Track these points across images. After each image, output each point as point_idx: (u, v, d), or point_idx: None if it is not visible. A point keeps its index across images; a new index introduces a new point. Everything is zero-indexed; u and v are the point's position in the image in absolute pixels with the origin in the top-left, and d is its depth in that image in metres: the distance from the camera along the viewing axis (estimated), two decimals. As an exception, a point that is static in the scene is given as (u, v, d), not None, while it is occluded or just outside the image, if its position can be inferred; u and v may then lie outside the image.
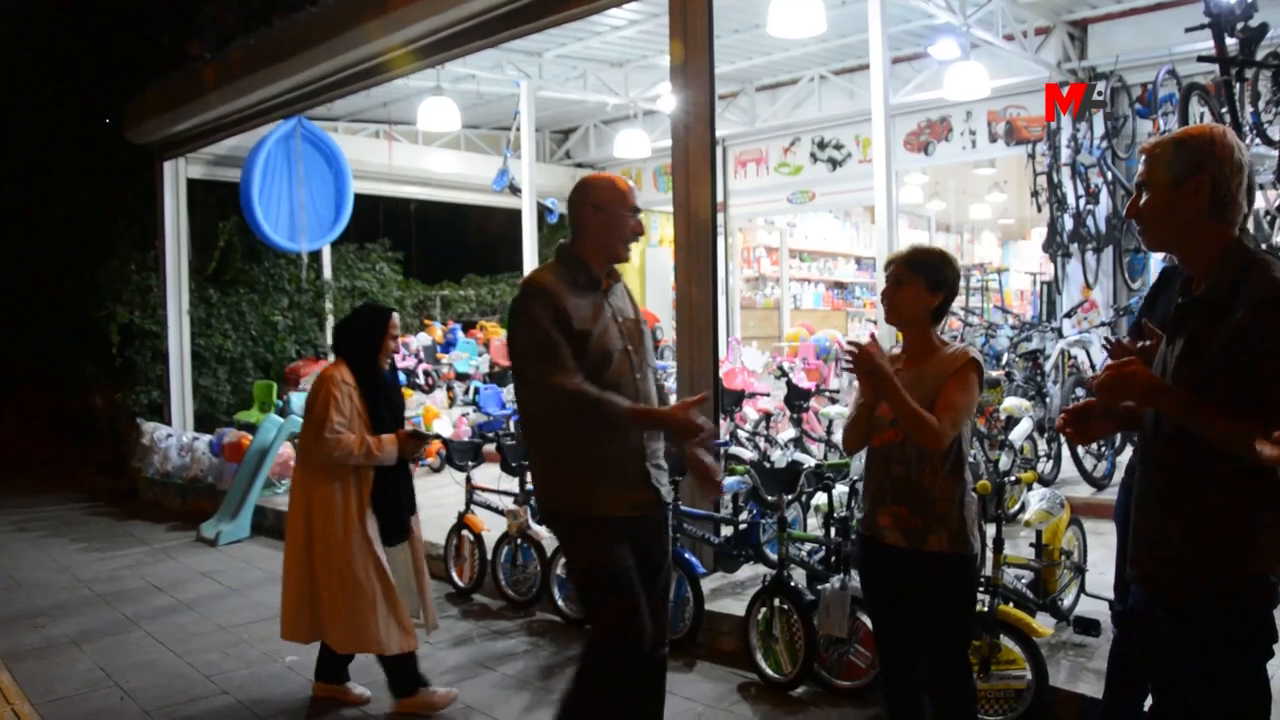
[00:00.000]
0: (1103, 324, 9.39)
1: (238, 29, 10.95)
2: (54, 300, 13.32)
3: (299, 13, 9.05)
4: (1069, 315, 9.78)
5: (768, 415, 8.26)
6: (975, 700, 3.40)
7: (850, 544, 4.69)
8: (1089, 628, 4.59)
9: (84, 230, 12.96)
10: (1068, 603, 4.90)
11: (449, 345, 13.17)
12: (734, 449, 6.70)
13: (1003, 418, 7.20)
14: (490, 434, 9.14)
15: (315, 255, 13.63)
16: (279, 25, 9.47)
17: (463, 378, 12.34)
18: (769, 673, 4.79)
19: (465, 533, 6.51)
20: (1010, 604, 4.35)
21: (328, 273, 13.90)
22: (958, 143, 12.12)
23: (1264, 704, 2.33)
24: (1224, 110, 6.51)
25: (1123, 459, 7.38)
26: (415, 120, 11.70)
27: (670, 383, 9.57)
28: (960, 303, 14.58)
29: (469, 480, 6.59)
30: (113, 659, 5.62)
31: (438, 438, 6.72)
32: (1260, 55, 6.17)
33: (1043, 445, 7.73)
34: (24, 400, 14.15)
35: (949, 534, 3.12)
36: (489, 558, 6.36)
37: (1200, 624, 2.36)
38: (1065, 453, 7.57)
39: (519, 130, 12.01)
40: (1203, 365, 2.29)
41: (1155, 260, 10.07)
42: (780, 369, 8.75)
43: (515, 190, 12.50)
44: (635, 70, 12.28)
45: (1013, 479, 5.33)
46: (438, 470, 10.07)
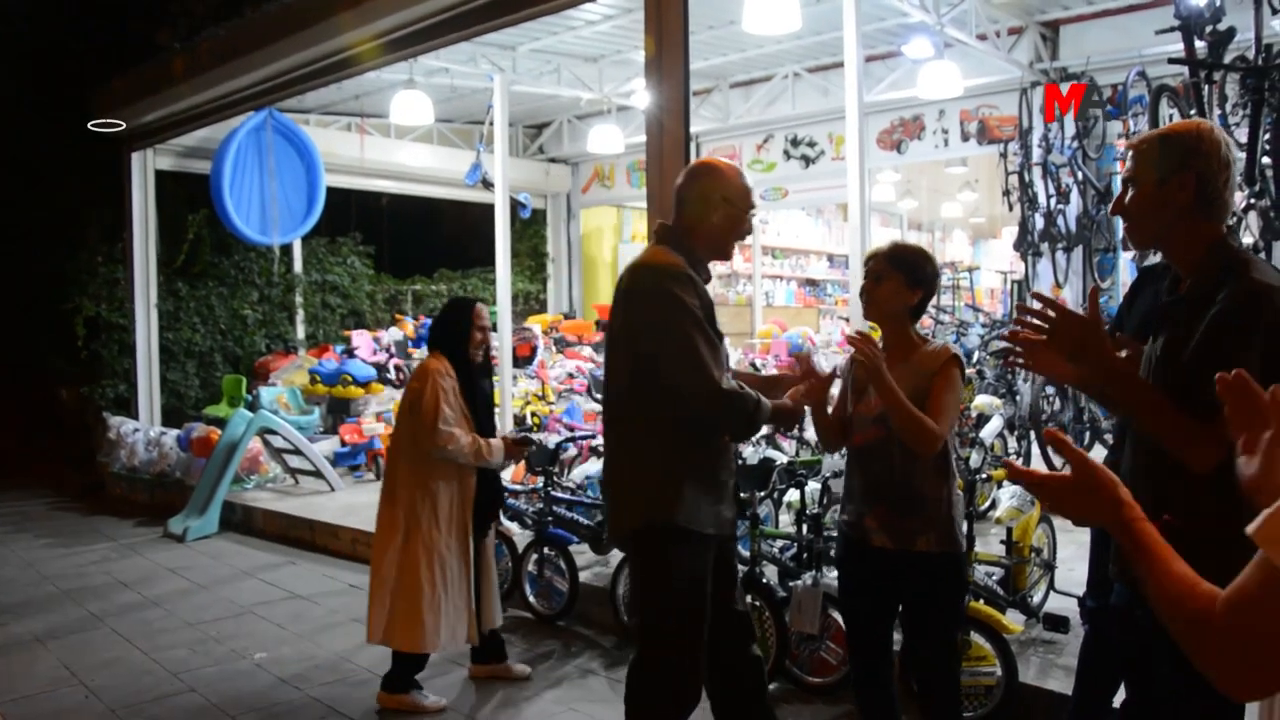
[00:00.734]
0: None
1: (208, 18, 10.84)
2: (19, 292, 13.14)
3: (270, 3, 8.97)
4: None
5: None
6: (960, 694, 3.42)
7: (823, 541, 4.69)
8: (1058, 624, 4.63)
9: (50, 222, 12.80)
10: (1037, 599, 4.93)
11: (421, 340, 13.08)
12: None
13: (974, 415, 7.24)
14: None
15: (286, 249, 13.53)
16: (250, 15, 9.38)
17: (436, 373, 12.26)
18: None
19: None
20: (981, 601, 4.37)
21: (299, 266, 13.79)
22: (930, 141, 12.17)
23: (1240, 704, 2.34)
24: (1193, 112, 6.55)
25: (1093, 456, 7.42)
26: (388, 113, 11.62)
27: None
28: (932, 301, 14.66)
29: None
30: (78, 656, 5.55)
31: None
32: (1228, 58, 6.22)
33: (1013, 443, 7.78)
34: (-13, 394, 13.97)
35: (938, 534, 3.13)
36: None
37: None
38: (1035, 450, 7.62)
39: (492, 124, 11.95)
40: (1179, 366, 2.29)
41: (1125, 260, 10.17)
42: (752, 365, 8.76)
43: (488, 185, 12.42)
44: (609, 65, 12.25)
45: (984, 476, 5.36)
46: (409, 466, 10.01)
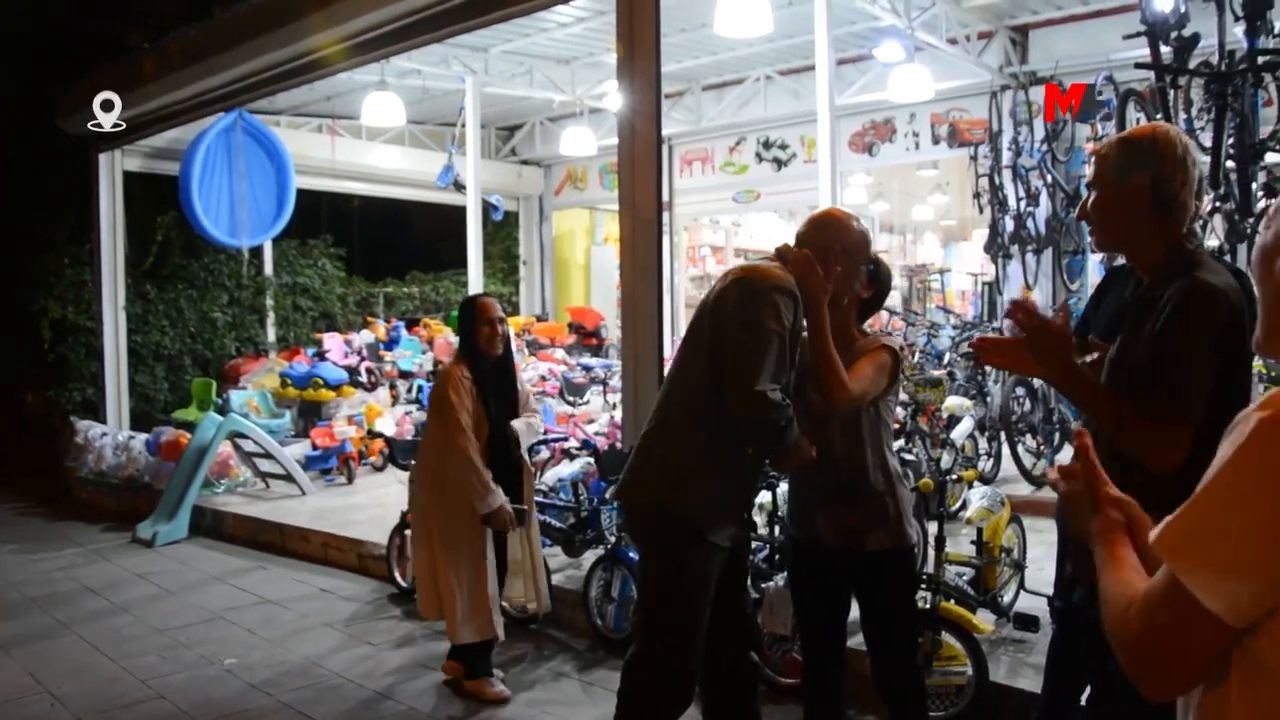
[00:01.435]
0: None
1: (178, 18, 10.74)
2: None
3: (240, 3, 8.90)
4: (1009, 315, 9.90)
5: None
6: (925, 691, 3.43)
7: (794, 542, 4.71)
8: (1028, 624, 4.66)
9: (15, 223, 12.63)
10: (1008, 599, 4.96)
11: (392, 343, 13.03)
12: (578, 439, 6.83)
13: (944, 417, 7.28)
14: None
15: (256, 251, 13.43)
16: (220, 16, 9.31)
17: (406, 376, 12.21)
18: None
19: (408, 532, 6.42)
20: (952, 601, 4.39)
21: (269, 269, 13.68)
22: (901, 144, 12.24)
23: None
24: (1159, 116, 6.63)
25: (1062, 457, 7.49)
26: (359, 115, 11.57)
27: (614, 381, 9.55)
28: (904, 303, 14.74)
29: (412, 479, 6.51)
30: (43, 665, 5.48)
31: (380, 435, 6.61)
32: (1192, 64, 6.30)
33: (984, 444, 7.83)
34: (-48, 398, 13.78)
35: (887, 531, 3.15)
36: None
37: None
38: (1005, 451, 7.67)
39: (464, 126, 11.92)
40: (1131, 366, 2.33)
41: (1093, 262, 10.26)
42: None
43: (460, 187, 12.41)
44: (582, 68, 12.24)
45: (954, 477, 5.39)
46: (380, 469, 9.98)
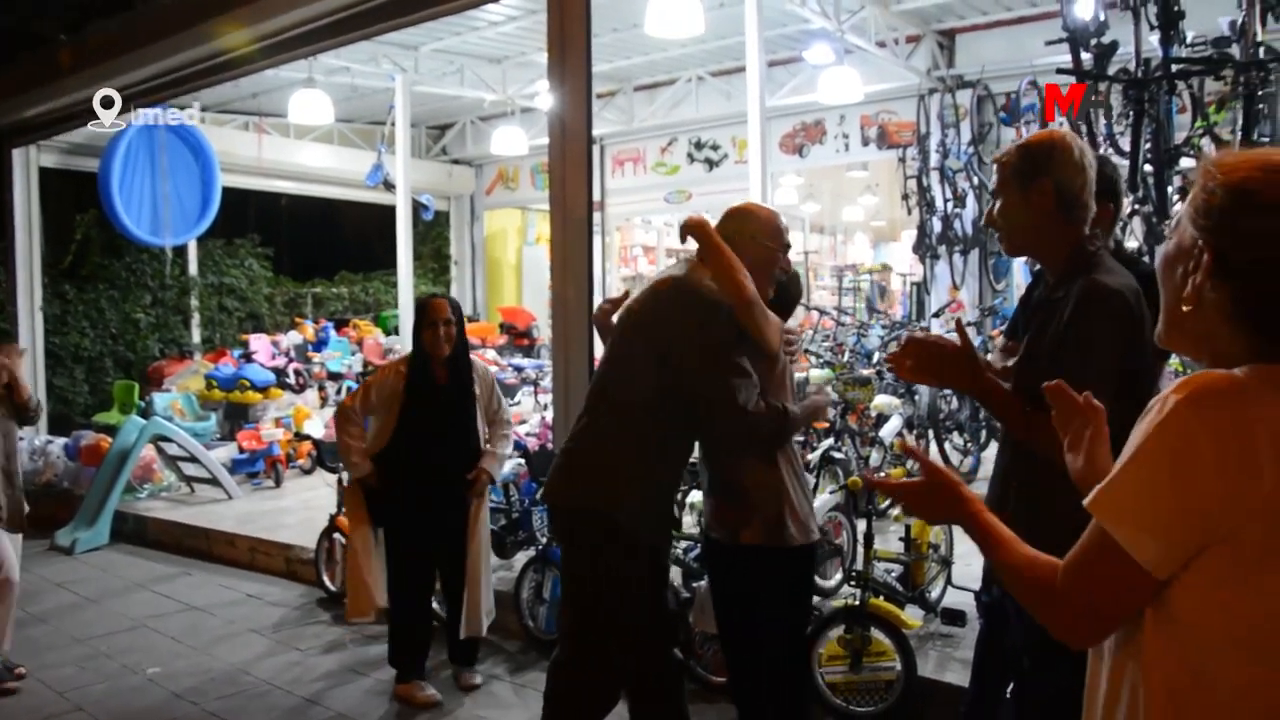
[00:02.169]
0: (970, 324, 9.70)
1: (97, 10, 10.48)
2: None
3: (163, -4, 8.71)
4: (937, 315, 10.09)
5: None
6: (805, 700, 3.38)
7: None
8: (955, 619, 4.73)
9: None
10: (935, 595, 5.03)
11: (321, 344, 12.84)
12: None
13: (873, 415, 7.37)
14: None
15: (180, 250, 13.17)
16: (142, 8, 9.09)
17: (335, 377, 12.05)
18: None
19: (337, 536, 6.34)
20: (880, 597, 4.45)
21: (194, 269, 13.42)
22: (831, 146, 12.38)
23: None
24: (1079, 121, 6.78)
25: (989, 454, 7.62)
26: (286, 112, 11.39)
27: (546, 382, 9.52)
28: (833, 302, 14.90)
29: (340, 482, 6.43)
30: (-45, 676, 5.30)
31: (308, 438, 6.55)
32: (1112, 70, 6.45)
33: (912, 441, 7.94)
34: None
35: (763, 526, 3.12)
36: (362, 561, 6.20)
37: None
38: (934, 449, 7.79)
39: (394, 125, 11.80)
40: (1035, 366, 2.38)
41: (1018, 263, 10.46)
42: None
43: (390, 186, 12.29)
44: (513, 67, 12.19)
45: (883, 475, 5.44)
46: (309, 472, 9.83)
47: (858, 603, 4.28)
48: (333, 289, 15.63)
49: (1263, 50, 5.66)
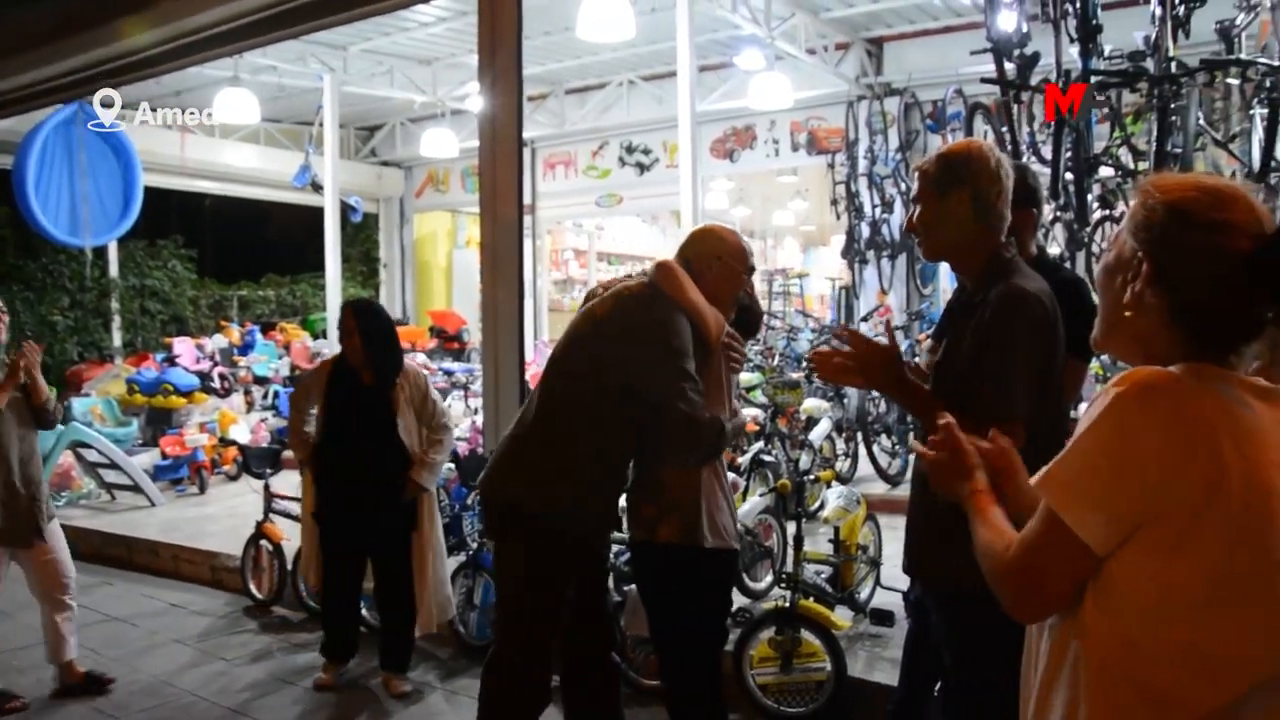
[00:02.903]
0: (897, 328, 9.84)
1: (9, 1, 10.17)
2: None
3: (81, -11, 8.49)
4: (865, 319, 10.22)
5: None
6: (719, 706, 3.36)
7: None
8: (884, 619, 4.80)
9: None
10: (864, 595, 5.09)
11: (247, 348, 12.62)
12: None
13: (803, 418, 7.44)
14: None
15: (100, 251, 12.86)
16: (58, 1, 8.84)
17: (261, 381, 11.85)
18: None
19: (264, 543, 6.24)
20: (810, 599, 4.49)
21: (114, 270, 13.12)
22: (761, 151, 12.49)
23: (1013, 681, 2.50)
24: (1004, 129, 6.92)
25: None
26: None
27: (476, 386, 9.48)
28: (763, 306, 15.02)
29: (267, 488, 6.33)
30: None
31: (234, 443, 6.46)
32: (1034, 80, 6.59)
33: (841, 444, 8.03)
34: None
35: (680, 524, 3.12)
36: (289, 568, 6.12)
37: (954, 611, 2.55)
38: (862, 451, 7.89)
39: (322, 126, 11.67)
40: (952, 370, 2.44)
41: (945, 268, 10.64)
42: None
43: (317, 187, 12.14)
44: (443, 68, 12.11)
45: (812, 477, 5.51)
46: (234, 478, 9.65)
47: (788, 604, 4.31)
48: (259, 291, 15.39)
49: (1174, 65, 5.83)
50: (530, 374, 6.43)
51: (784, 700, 4.26)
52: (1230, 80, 6.77)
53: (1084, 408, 1.49)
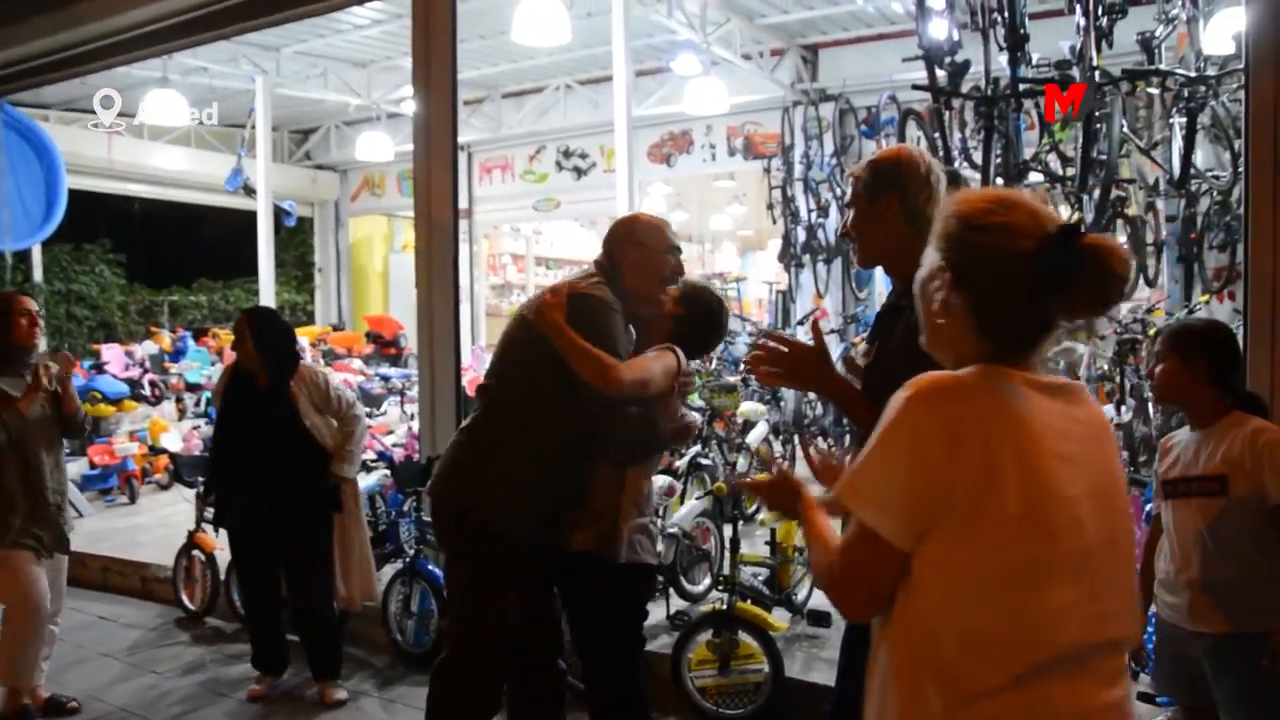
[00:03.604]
0: (833, 331, 9.97)
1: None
2: None
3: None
4: (802, 322, 10.31)
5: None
6: (639, 713, 3.38)
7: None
8: (821, 620, 4.84)
9: None
10: (801, 597, 5.13)
11: (178, 354, 12.39)
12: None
13: (740, 422, 7.49)
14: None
15: (23, 255, 12.51)
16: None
17: (194, 388, 11.64)
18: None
19: (196, 553, 6.13)
20: (748, 601, 4.52)
21: (39, 274, 12.79)
22: (698, 155, 12.56)
23: None
24: (936, 135, 7.03)
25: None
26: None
27: (413, 392, 9.40)
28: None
29: (199, 497, 6.22)
30: None
31: (165, 452, 6.35)
32: (965, 88, 6.71)
33: (778, 447, 8.09)
34: None
35: (597, 533, 3.13)
36: (222, 578, 6.02)
37: None
38: (799, 454, 7.96)
39: (254, 128, 11.50)
40: (881, 370, 2.48)
41: (880, 272, 10.78)
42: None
43: (250, 191, 11.96)
44: (379, 71, 12.01)
45: (749, 481, 5.53)
46: (166, 487, 9.46)
47: (725, 607, 4.34)
48: (191, 297, 15.13)
49: (1099, 74, 5.97)
50: (467, 379, 6.39)
51: (723, 702, 4.29)
52: (1151, 90, 6.94)
53: None
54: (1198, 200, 7.84)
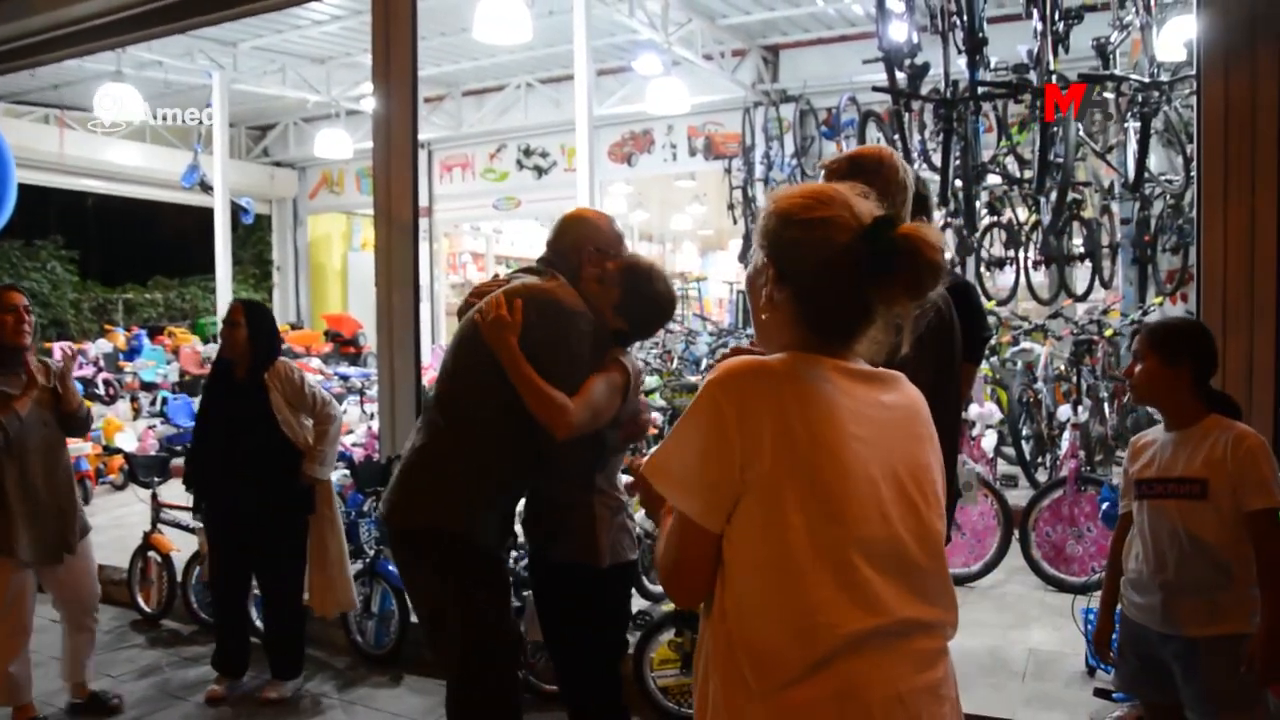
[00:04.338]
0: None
1: None
2: None
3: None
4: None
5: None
6: (620, 714, 3.30)
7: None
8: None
9: None
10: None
11: (133, 352, 12.23)
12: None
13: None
14: (179, 447, 8.57)
15: (-29, 252, 12.33)
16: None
17: (149, 387, 11.49)
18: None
19: (152, 554, 6.04)
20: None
21: (-12, 271, 12.60)
22: (659, 155, 12.57)
23: None
24: (895, 136, 7.09)
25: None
26: (92, 106, 10.79)
27: (372, 391, 9.33)
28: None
29: (155, 497, 6.12)
30: None
31: (120, 452, 6.26)
32: (924, 90, 6.77)
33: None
34: None
35: (577, 544, 3.07)
36: (179, 579, 5.94)
37: None
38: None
39: (211, 124, 11.37)
40: None
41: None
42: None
43: (206, 188, 11.82)
44: (338, 68, 11.91)
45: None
46: (121, 488, 9.33)
47: (687, 606, 4.34)
48: (146, 294, 14.95)
49: (1055, 78, 6.04)
50: (427, 378, 6.37)
51: (685, 702, 4.28)
52: (1107, 94, 7.04)
53: (974, 409, 1.64)
54: (1151, 203, 7.97)
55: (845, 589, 1.50)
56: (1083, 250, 7.60)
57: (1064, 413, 6.27)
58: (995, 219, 7.58)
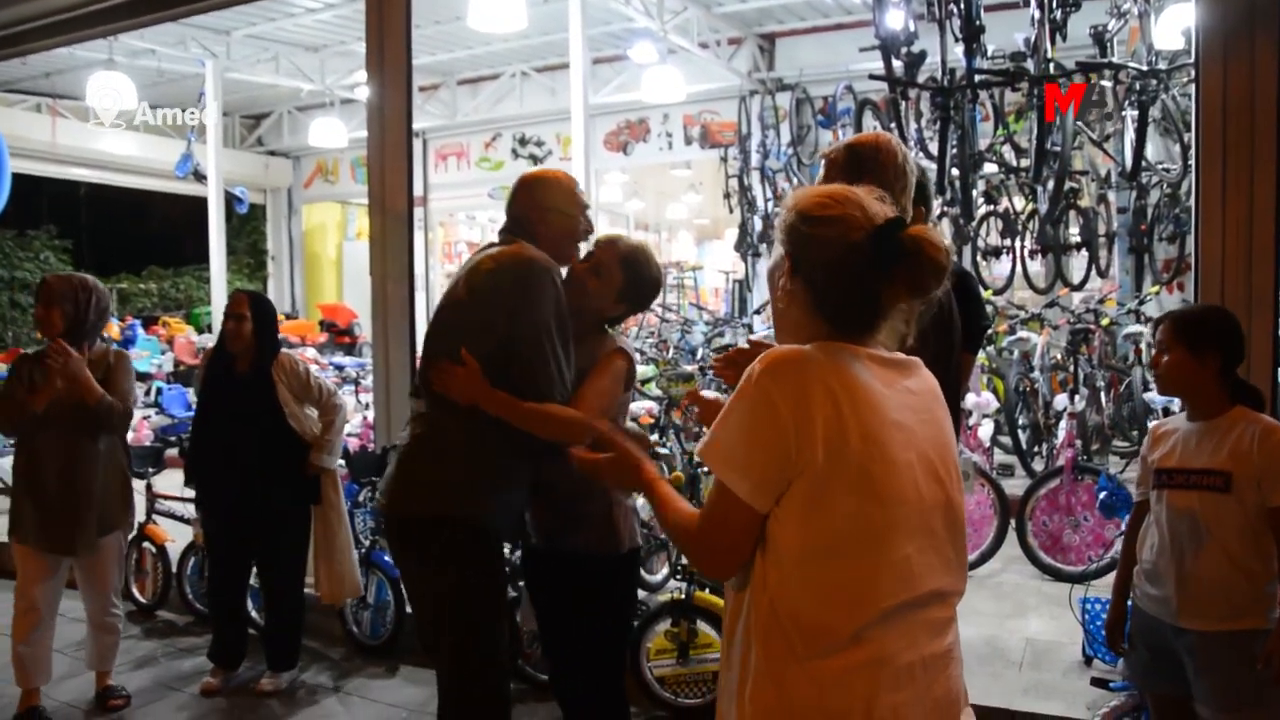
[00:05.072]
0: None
1: None
2: None
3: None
4: (759, 312, 10.35)
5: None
6: (623, 705, 3.28)
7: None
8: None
9: None
10: (758, 586, 5.14)
11: (127, 343, 12.18)
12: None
13: (696, 410, 7.48)
14: (174, 438, 8.54)
15: (-36, 241, 12.28)
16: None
17: (143, 378, 11.44)
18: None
19: (147, 545, 6.02)
20: (706, 589, 4.51)
21: (-20, 261, 12.56)
22: (655, 144, 12.54)
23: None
24: (892, 125, 7.08)
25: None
26: (84, 95, 10.73)
27: (367, 381, 9.31)
28: (658, 299, 15.10)
29: (150, 488, 6.11)
30: None
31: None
32: (921, 78, 6.75)
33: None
34: None
35: (596, 534, 3.04)
36: (174, 570, 5.93)
37: None
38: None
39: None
40: None
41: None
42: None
43: (200, 177, 11.78)
44: (332, 56, 11.86)
45: (706, 470, 5.54)
46: (114, 478, 9.31)
47: (683, 596, 4.33)
48: (140, 284, 14.91)
49: (1053, 66, 6.02)
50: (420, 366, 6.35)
51: (681, 692, 4.29)
52: (1104, 83, 7.02)
53: (970, 399, 1.71)
54: (1148, 192, 7.96)
55: (886, 567, 1.63)
56: (1079, 239, 7.60)
57: (1060, 402, 6.26)
58: (992, 208, 7.57)
